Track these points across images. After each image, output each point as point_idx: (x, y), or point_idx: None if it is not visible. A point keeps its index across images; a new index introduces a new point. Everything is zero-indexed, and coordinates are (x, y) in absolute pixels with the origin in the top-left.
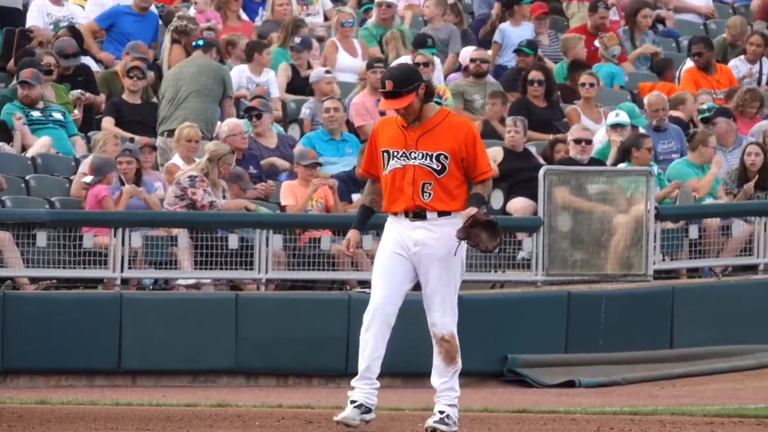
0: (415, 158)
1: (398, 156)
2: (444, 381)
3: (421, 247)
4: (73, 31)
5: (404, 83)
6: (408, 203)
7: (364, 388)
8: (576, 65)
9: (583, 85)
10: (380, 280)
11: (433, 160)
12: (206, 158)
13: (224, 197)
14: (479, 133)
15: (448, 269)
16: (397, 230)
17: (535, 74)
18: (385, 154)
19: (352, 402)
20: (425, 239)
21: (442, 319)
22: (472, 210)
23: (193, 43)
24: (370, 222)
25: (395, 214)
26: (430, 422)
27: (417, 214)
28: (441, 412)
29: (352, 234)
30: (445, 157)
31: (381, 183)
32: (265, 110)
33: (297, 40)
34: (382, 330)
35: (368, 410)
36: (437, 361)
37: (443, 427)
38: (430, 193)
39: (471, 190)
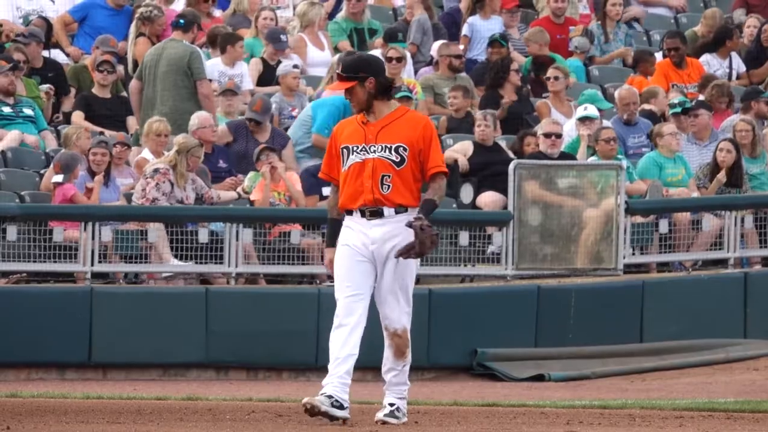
0: (374, 151)
1: (357, 150)
2: (394, 374)
3: (378, 245)
4: (45, 20)
5: (349, 68)
6: (367, 197)
7: (333, 381)
8: (539, 63)
9: (549, 78)
10: (344, 281)
11: (392, 152)
12: (174, 150)
13: (196, 193)
14: (447, 128)
15: (402, 264)
16: (353, 231)
17: (515, 63)
18: (344, 150)
19: (323, 393)
20: (382, 236)
21: (394, 313)
22: (418, 222)
23: (172, 23)
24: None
25: (351, 212)
26: (380, 415)
27: (374, 212)
28: (391, 405)
29: (329, 253)
30: (404, 149)
31: (339, 181)
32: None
33: (283, 38)
34: (354, 330)
35: (340, 405)
36: (388, 353)
37: (393, 420)
38: (389, 186)
39: (425, 191)
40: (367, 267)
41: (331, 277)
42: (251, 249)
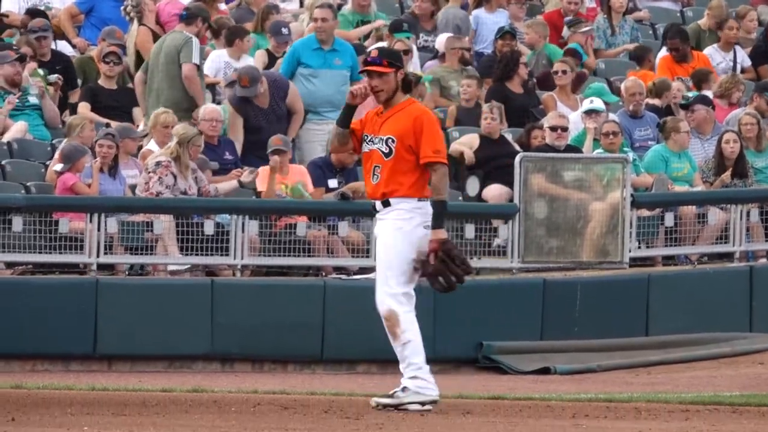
0: (375, 143)
1: (367, 140)
2: (398, 355)
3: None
4: (37, 12)
5: (390, 56)
6: (367, 188)
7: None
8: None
9: (556, 72)
10: None
11: (384, 143)
12: (175, 142)
13: (196, 183)
14: (456, 119)
15: (385, 248)
16: None
17: (523, 56)
18: (364, 137)
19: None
20: (377, 230)
21: (379, 296)
22: (434, 244)
23: (181, 14)
24: (348, 208)
25: None
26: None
27: (373, 205)
28: (396, 390)
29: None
30: (392, 141)
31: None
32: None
33: (285, 31)
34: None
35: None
36: None
37: (384, 400)
38: (378, 176)
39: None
40: None
41: (338, 269)
42: (257, 241)
